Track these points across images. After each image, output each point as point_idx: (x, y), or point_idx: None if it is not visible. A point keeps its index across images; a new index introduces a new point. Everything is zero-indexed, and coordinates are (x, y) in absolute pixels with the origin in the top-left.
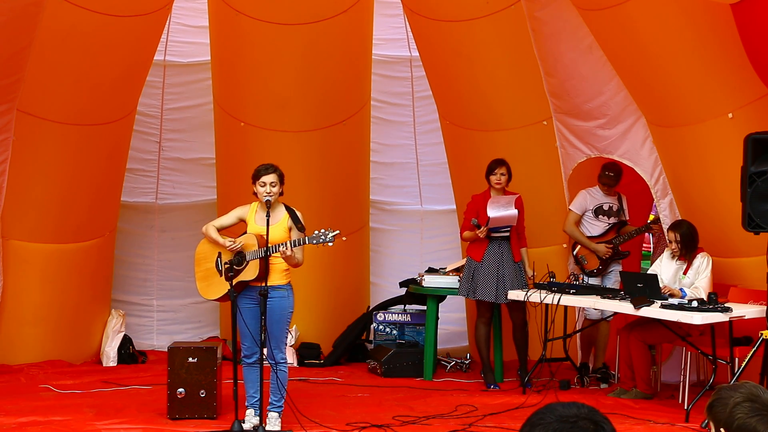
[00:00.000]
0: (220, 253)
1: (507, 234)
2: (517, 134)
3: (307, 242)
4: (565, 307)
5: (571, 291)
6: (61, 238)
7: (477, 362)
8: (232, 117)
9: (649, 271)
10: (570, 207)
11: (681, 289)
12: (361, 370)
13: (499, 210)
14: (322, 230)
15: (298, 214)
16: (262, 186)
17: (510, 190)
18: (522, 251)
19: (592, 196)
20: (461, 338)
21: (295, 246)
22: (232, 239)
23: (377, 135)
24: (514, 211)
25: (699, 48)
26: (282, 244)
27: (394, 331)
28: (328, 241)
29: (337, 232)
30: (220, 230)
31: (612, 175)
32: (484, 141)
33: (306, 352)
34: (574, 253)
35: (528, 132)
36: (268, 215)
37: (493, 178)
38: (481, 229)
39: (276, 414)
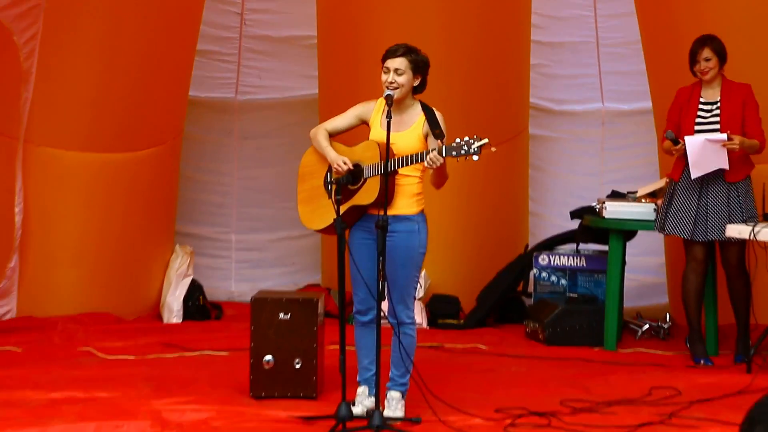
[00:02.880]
0: (330, 166)
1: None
2: None
3: (444, 154)
4: None
5: None
6: (106, 145)
7: (681, 326)
8: None
9: None
10: None
11: None
12: (516, 335)
13: (702, 155)
14: (465, 138)
15: (439, 115)
16: (385, 73)
17: (734, 79)
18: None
19: None
20: (658, 293)
21: (423, 159)
22: (345, 159)
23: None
24: (722, 164)
25: None
26: (418, 155)
27: (563, 281)
28: (472, 153)
29: (485, 141)
30: (334, 136)
31: None
32: (691, 5)
33: (440, 307)
34: None
35: None
36: (389, 116)
37: (696, 69)
38: (678, 146)
39: (398, 394)
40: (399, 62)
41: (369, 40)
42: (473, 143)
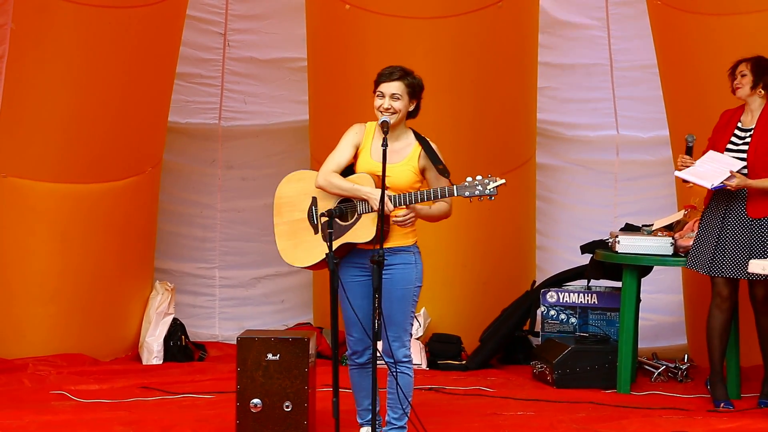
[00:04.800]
0: (314, 199)
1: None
2: None
3: (456, 194)
4: None
5: None
6: (80, 175)
7: (701, 368)
8: None
9: None
10: None
11: None
12: (522, 377)
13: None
14: (478, 177)
15: (434, 146)
16: (380, 98)
17: None
18: None
19: None
20: (676, 333)
21: (436, 198)
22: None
23: (549, 21)
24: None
25: None
26: (410, 195)
27: (573, 320)
28: (488, 195)
29: (503, 181)
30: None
31: None
32: (716, 29)
33: (440, 347)
34: None
35: None
36: (384, 144)
37: (732, 84)
38: (684, 158)
39: None
40: (396, 86)
41: (364, 63)
42: (489, 183)
